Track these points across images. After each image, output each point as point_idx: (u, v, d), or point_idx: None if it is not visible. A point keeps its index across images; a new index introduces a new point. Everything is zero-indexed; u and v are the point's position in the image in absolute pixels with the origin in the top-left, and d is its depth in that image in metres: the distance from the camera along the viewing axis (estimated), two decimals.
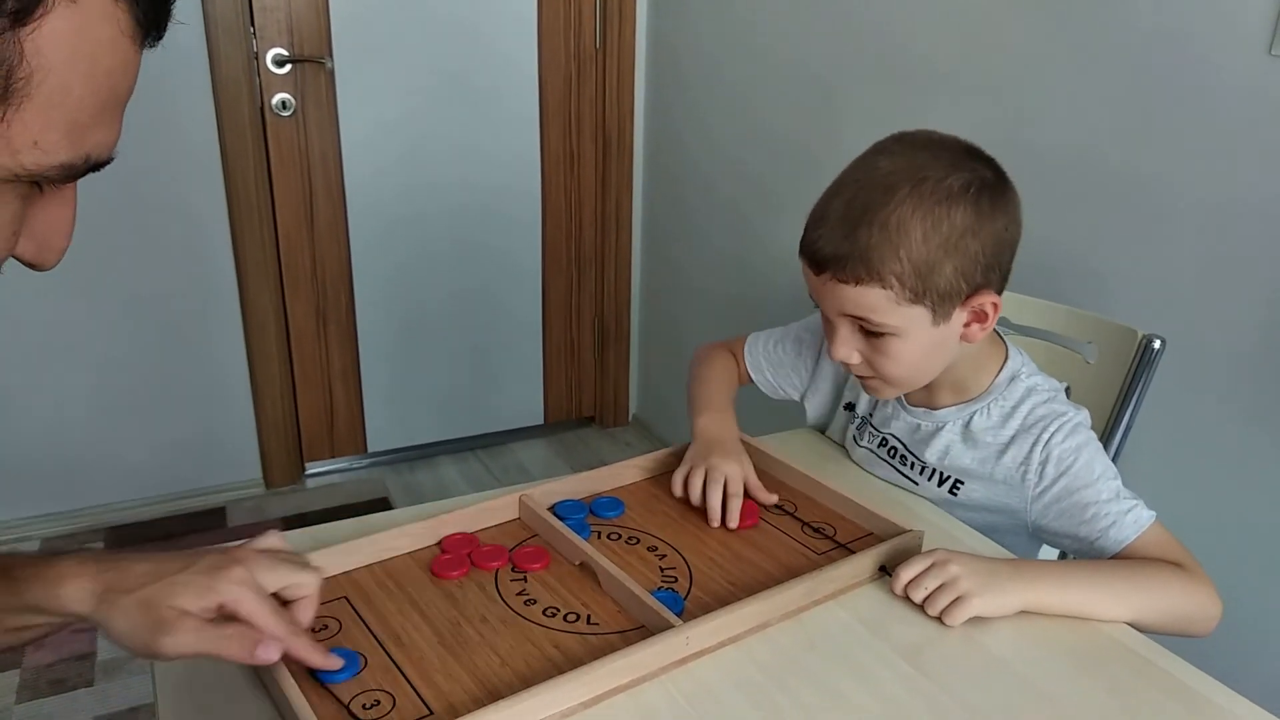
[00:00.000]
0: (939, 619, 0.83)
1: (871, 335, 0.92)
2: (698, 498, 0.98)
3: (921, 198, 0.86)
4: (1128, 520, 0.90)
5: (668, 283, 2.61)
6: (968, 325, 0.92)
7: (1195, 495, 1.30)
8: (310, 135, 2.23)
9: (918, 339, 0.91)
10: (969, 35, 1.57)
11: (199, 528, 2.27)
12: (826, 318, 0.96)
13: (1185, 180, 1.27)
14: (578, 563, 0.89)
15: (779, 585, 0.83)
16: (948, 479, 1.03)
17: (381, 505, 2.39)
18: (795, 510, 1.01)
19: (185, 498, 2.35)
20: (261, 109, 2.16)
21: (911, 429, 1.05)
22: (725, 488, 0.98)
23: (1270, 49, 1.15)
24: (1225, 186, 1.23)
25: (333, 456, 2.53)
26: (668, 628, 0.77)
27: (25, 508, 2.21)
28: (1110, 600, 0.85)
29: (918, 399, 1.04)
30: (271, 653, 0.66)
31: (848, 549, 0.94)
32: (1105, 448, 1.09)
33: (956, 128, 1.57)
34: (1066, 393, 1.02)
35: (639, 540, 0.95)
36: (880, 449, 1.09)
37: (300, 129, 2.22)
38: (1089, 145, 1.39)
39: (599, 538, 0.95)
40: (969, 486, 1.01)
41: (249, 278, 2.25)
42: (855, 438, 1.13)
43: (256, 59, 2.12)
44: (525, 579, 0.87)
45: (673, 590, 0.86)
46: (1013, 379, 0.99)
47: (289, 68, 2.16)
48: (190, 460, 2.35)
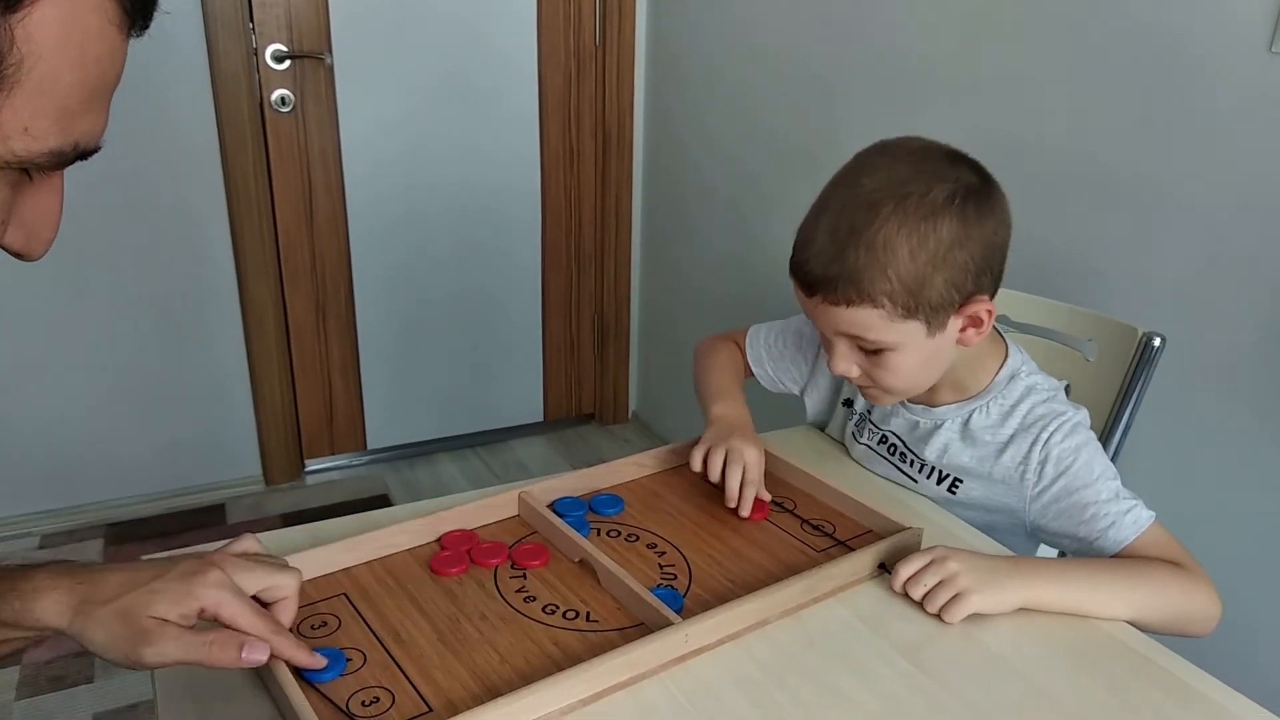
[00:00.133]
0: (938, 616, 0.83)
1: (869, 350, 0.92)
2: (717, 475, 0.99)
3: (906, 215, 0.86)
4: (1127, 520, 0.90)
5: (667, 280, 2.61)
6: (963, 331, 0.92)
7: (1195, 493, 1.30)
8: (310, 131, 2.23)
9: (914, 351, 0.91)
10: (968, 35, 1.57)
11: (198, 525, 2.27)
12: (823, 334, 0.96)
13: (1185, 178, 1.27)
14: (577, 560, 0.89)
15: (778, 582, 0.83)
16: (946, 477, 1.03)
17: (381, 502, 2.39)
18: (794, 507, 1.01)
19: (185, 494, 2.35)
20: (261, 105, 2.16)
21: (910, 426, 1.05)
22: (744, 472, 0.98)
23: (1270, 46, 1.15)
24: (1225, 184, 1.23)
25: (332, 453, 2.53)
26: (667, 625, 0.77)
27: (25, 504, 2.21)
28: (1110, 598, 0.85)
29: (917, 396, 1.04)
30: (258, 654, 0.66)
31: (847, 546, 0.94)
32: (1105, 445, 1.09)
33: (956, 127, 1.59)
34: (1066, 391, 1.02)
35: (638, 537, 0.95)
36: (880, 445, 1.09)
37: (300, 125, 2.22)
38: (1089, 143, 1.39)
39: (598, 535, 0.95)
40: (967, 485, 1.01)
41: (248, 274, 2.25)
42: (854, 434, 1.13)
43: (256, 55, 2.12)
44: (525, 576, 0.87)
45: (672, 587, 0.86)
46: (1012, 377, 0.99)
47: (288, 64, 2.16)
48: (190, 457, 2.35)
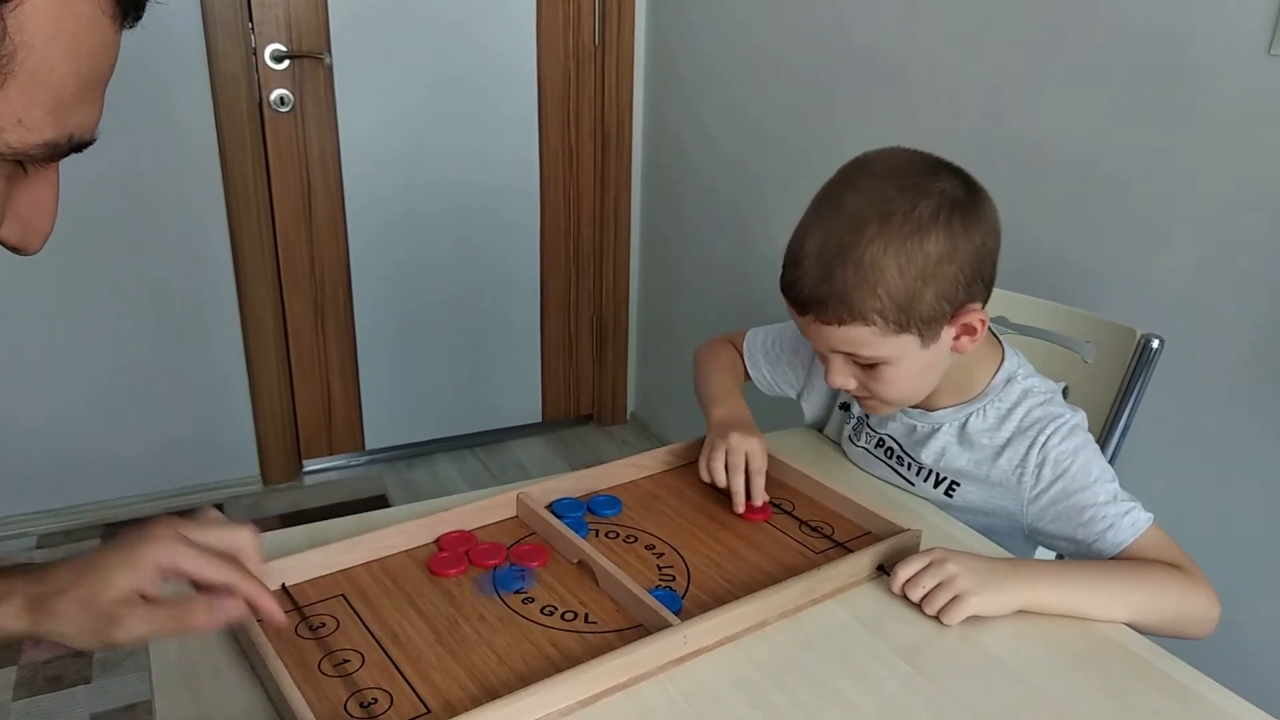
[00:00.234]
0: (937, 618, 0.83)
1: (864, 364, 0.93)
2: (721, 479, 0.99)
3: (892, 233, 0.86)
4: (1125, 523, 0.90)
5: (666, 281, 2.61)
6: (958, 339, 0.93)
7: (1193, 495, 1.30)
8: (309, 131, 2.23)
9: (910, 363, 0.91)
10: (968, 36, 1.57)
11: None
12: (818, 350, 0.96)
13: (1184, 180, 1.27)
14: (575, 561, 0.88)
15: (777, 584, 0.83)
16: (943, 480, 1.03)
17: (379, 503, 2.38)
18: (793, 509, 1.01)
19: (183, 494, 2.35)
20: (260, 105, 2.16)
21: (908, 430, 1.05)
22: (748, 465, 0.99)
23: (1270, 49, 1.15)
24: (1224, 186, 1.23)
25: (330, 454, 2.53)
26: (665, 626, 0.77)
27: (23, 504, 2.21)
28: (1108, 600, 0.85)
29: None
30: (230, 610, 0.64)
31: (845, 548, 0.94)
32: (1103, 447, 1.09)
33: (954, 129, 1.59)
34: (1064, 393, 1.02)
35: (637, 539, 0.95)
36: (877, 449, 1.09)
37: (299, 125, 2.21)
38: (1088, 145, 1.39)
39: (597, 536, 0.95)
40: (965, 488, 1.01)
41: (247, 274, 2.24)
42: (851, 438, 1.13)
43: (255, 55, 2.12)
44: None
45: (670, 589, 0.86)
46: (1009, 380, 0.99)
47: (287, 63, 2.16)
48: (188, 457, 2.34)
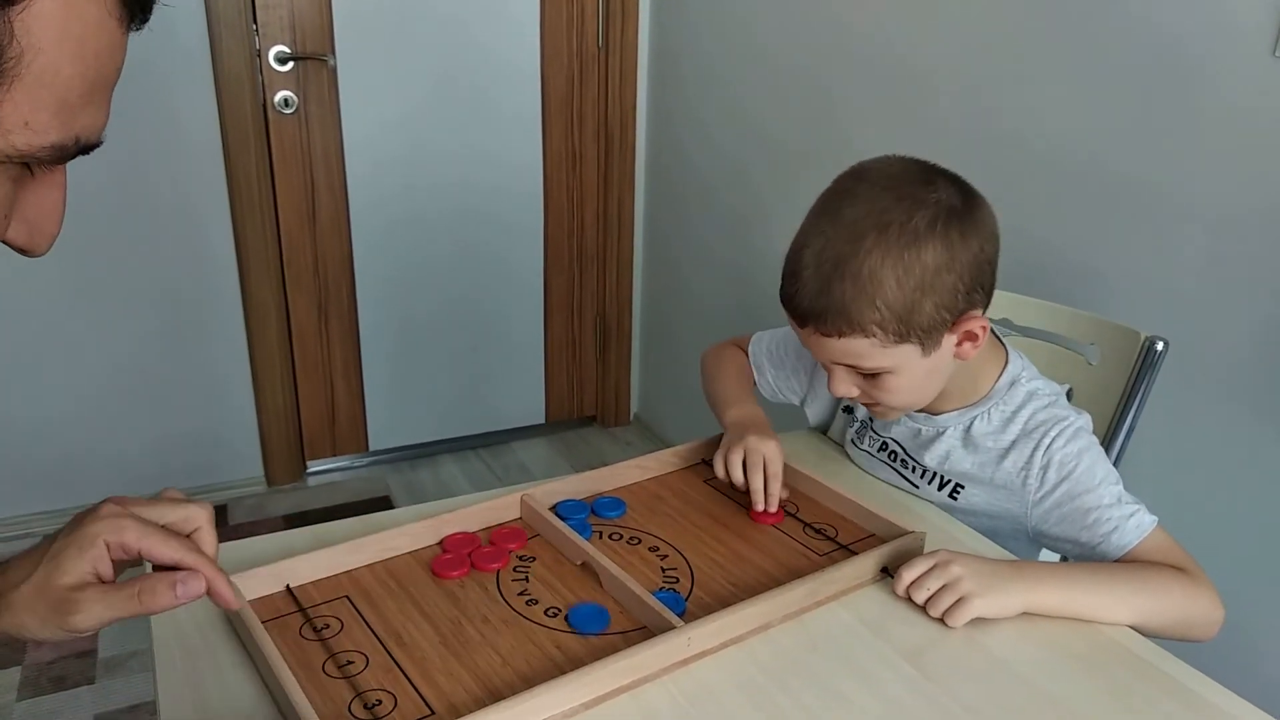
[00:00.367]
0: (941, 620, 0.83)
1: (866, 374, 0.93)
2: (739, 478, 0.99)
3: (889, 244, 0.85)
4: (1130, 525, 0.90)
5: (670, 282, 2.61)
6: (959, 345, 0.93)
7: (1198, 498, 1.30)
8: (312, 133, 2.23)
9: (912, 371, 0.91)
10: (970, 37, 1.57)
11: None
12: (820, 360, 0.96)
13: (1188, 182, 1.27)
14: (579, 563, 0.89)
15: (781, 586, 0.83)
16: (948, 483, 1.03)
17: (383, 503, 2.39)
18: (797, 511, 1.01)
19: (187, 494, 2.34)
20: (264, 106, 2.16)
21: (912, 434, 1.04)
22: (765, 468, 0.99)
23: (1274, 51, 1.15)
24: (1229, 188, 1.23)
25: (334, 455, 2.53)
26: (669, 628, 0.77)
27: (26, 504, 2.21)
28: (1112, 602, 0.85)
29: None
30: (193, 585, 0.62)
31: (849, 550, 0.94)
32: (1107, 450, 1.09)
33: (957, 130, 1.59)
34: (1069, 395, 1.02)
35: (640, 540, 0.95)
36: (880, 452, 1.09)
37: (302, 126, 2.22)
38: (1092, 147, 1.39)
39: (600, 538, 0.95)
40: (969, 491, 1.01)
41: (251, 275, 2.25)
42: (855, 441, 1.13)
43: (259, 56, 2.12)
44: (527, 579, 0.87)
45: (674, 591, 0.86)
46: (1013, 383, 0.99)
47: (291, 65, 2.16)
48: (192, 458, 2.35)
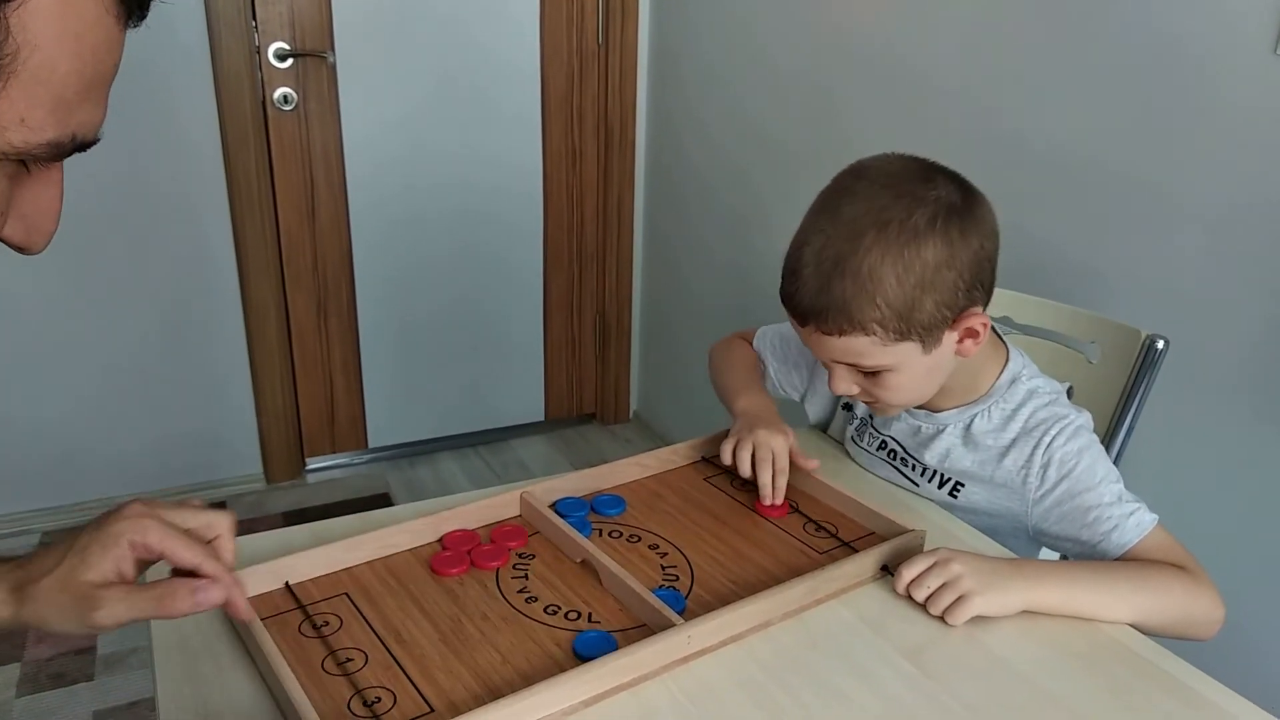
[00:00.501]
0: (941, 618, 0.83)
1: (867, 371, 0.93)
2: (747, 470, 1.00)
3: (889, 242, 0.85)
4: (1130, 524, 0.90)
5: (669, 279, 2.61)
6: (960, 343, 0.92)
7: (1198, 496, 1.30)
8: (312, 130, 2.23)
9: (912, 368, 0.91)
10: (971, 37, 1.56)
11: None
12: (820, 359, 0.96)
13: (1189, 180, 1.27)
14: (579, 561, 0.88)
15: (781, 584, 0.83)
16: (948, 481, 1.02)
17: (382, 501, 2.39)
18: (797, 508, 1.01)
19: (186, 492, 2.35)
20: (263, 103, 2.16)
21: (912, 431, 1.04)
22: (773, 463, 0.99)
23: (1275, 49, 1.15)
24: (1229, 186, 1.23)
25: (333, 452, 2.53)
26: (669, 626, 0.77)
27: (25, 501, 2.21)
28: (1113, 601, 0.85)
29: None
30: (211, 594, 0.63)
31: (850, 548, 0.93)
32: (1108, 448, 1.09)
33: (958, 129, 1.59)
34: (1069, 393, 1.02)
35: (640, 538, 0.95)
36: (879, 451, 1.09)
37: (302, 123, 2.21)
38: (1093, 145, 1.39)
39: (600, 535, 0.94)
40: (969, 489, 1.01)
41: (250, 272, 2.24)
42: (854, 438, 1.13)
43: (258, 53, 2.12)
44: (526, 577, 0.87)
45: (674, 589, 0.86)
46: (1013, 381, 0.99)
47: (290, 62, 2.16)
48: (191, 455, 2.35)
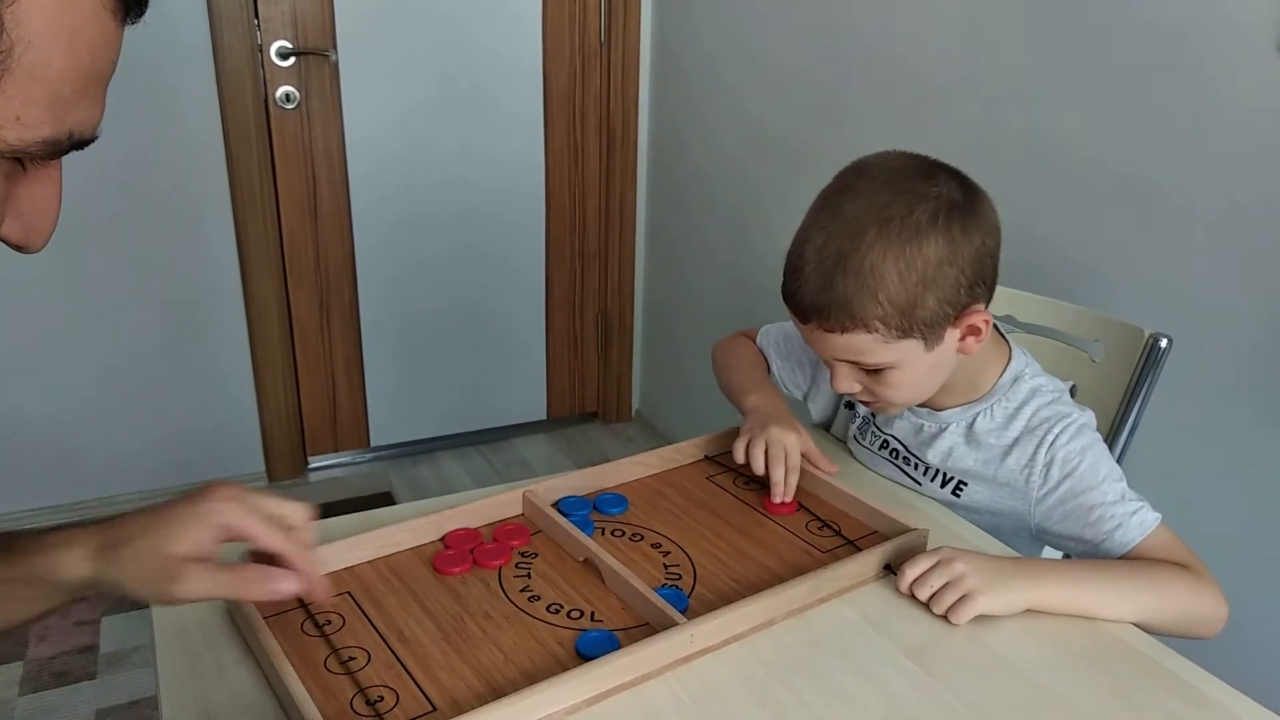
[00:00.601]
0: (944, 617, 0.83)
1: (869, 369, 0.92)
2: (761, 469, 0.99)
3: (890, 239, 0.85)
4: (1133, 522, 0.90)
5: (671, 278, 2.60)
6: (962, 340, 0.92)
7: (1201, 495, 1.30)
8: (314, 128, 2.23)
9: (914, 366, 0.91)
10: (972, 35, 1.56)
11: None
12: (822, 357, 0.96)
13: (1192, 178, 1.27)
14: (581, 559, 0.88)
15: (783, 583, 0.83)
16: (950, 480, 1.02)
17: (384, 499, 2.39)
18: (802, 505, 1.00)
19: (188, 490, 2.34)
20: (265, 101, 2.16)
21: (914, 430, 1.04)
22: (785, 460, 0.99)
23: (1277, 47, 1.14)
24: (1232, 184, 1.22)
25: (335, 450, 2.53)
26: (672, 625, 0.77)
27: (27, 500, 2.21)
28: (1116, 600, 0.85)
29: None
30: (286, 584, 0.66)
31: (854, 546, 0.93)
32: (1111, 446, 1.09)
33: (960, 128, 1.58)
34: (1072, 392, 1.02)
35: (643, 537, 0.94)
36: (881, 450, 1.08)
37: (304, 122, 2.21)
38: (1095, 143, 1.39)
39: (603, 534, 0.94)
40: (972, 488, 1.01)
41: (252, 270, 2.25)
42: (857, 437, 1.12)
43: (260, 51, 2.12)
44: (529, 575, 0.87)
45: (677, 587, 0.86)
46: (1016, 380, 0.99)
47: (293, 60, 2.16)
48: (193, 453, 2.35)
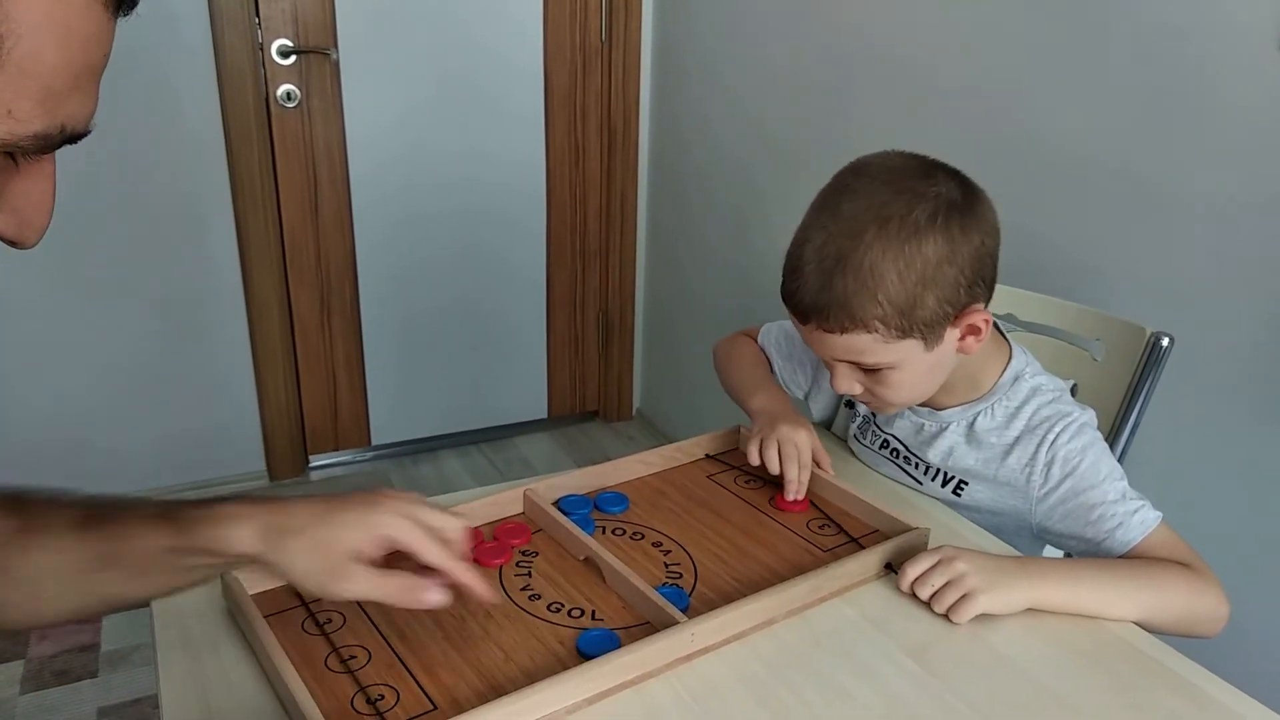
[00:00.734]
0: (945, 616, 0.82)
1: (869, 369, 0.92)
2: (776, 468, 1.00)
3: (889, 238, 0.85)
4: (1134, 521, 0.90)
5: (672, 277, 2.60)
6: (962, 340, 0.92)
7: (1203, 494, 1.30)
8: (315, 127, 2.23)
9: (914, 366, 0.91)
10: (973, 35, 1.56)
11: None
12: (822, 357, 0.96)
13: (1193, 177, 1.27)
14: (582, 558, 0.88)
15: (784, 582, 0.83)
16: (951, 479, 1.02)
17: None
18: (811, 504, 1.00)
19: (189, 489, 2.35)
20: (266, 100, 2.16)
21: (915, 429, 1.04)
22: (798, 458, 0.99)
23: (1278, 45, 1.14)
24: (1234, 183, 1.22)
25: (336, 449, 2.53)
26: (673, 624, 0.77)
27: None
28: (1117, 599, 0.85)
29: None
30: (438, 595, 0.69)
31: (857, 544, 0.93)
32: (1112, 445, 1.09)
33: (961, 127, 1.58)
34: (1073, 391, 1.02)
35: (644, 536, 0.94)
36: (882, 450, 1.08)
37: (305, 120, 2.21)
38: (1095, 143, 1.39)
39: (604, 533, 0.94)
40: (972, 488, 1.01)
41: (253, 269, 2.25)
42: (857, 436, 1.12)
43: (261, 50, 2.12)
44: (530, 574, 0.87)
45: (678, 586, 0.86)
46: (1016, 379, 0.99)
47: (294, 59, 2.16)
48: (194, 452, 2.35)
